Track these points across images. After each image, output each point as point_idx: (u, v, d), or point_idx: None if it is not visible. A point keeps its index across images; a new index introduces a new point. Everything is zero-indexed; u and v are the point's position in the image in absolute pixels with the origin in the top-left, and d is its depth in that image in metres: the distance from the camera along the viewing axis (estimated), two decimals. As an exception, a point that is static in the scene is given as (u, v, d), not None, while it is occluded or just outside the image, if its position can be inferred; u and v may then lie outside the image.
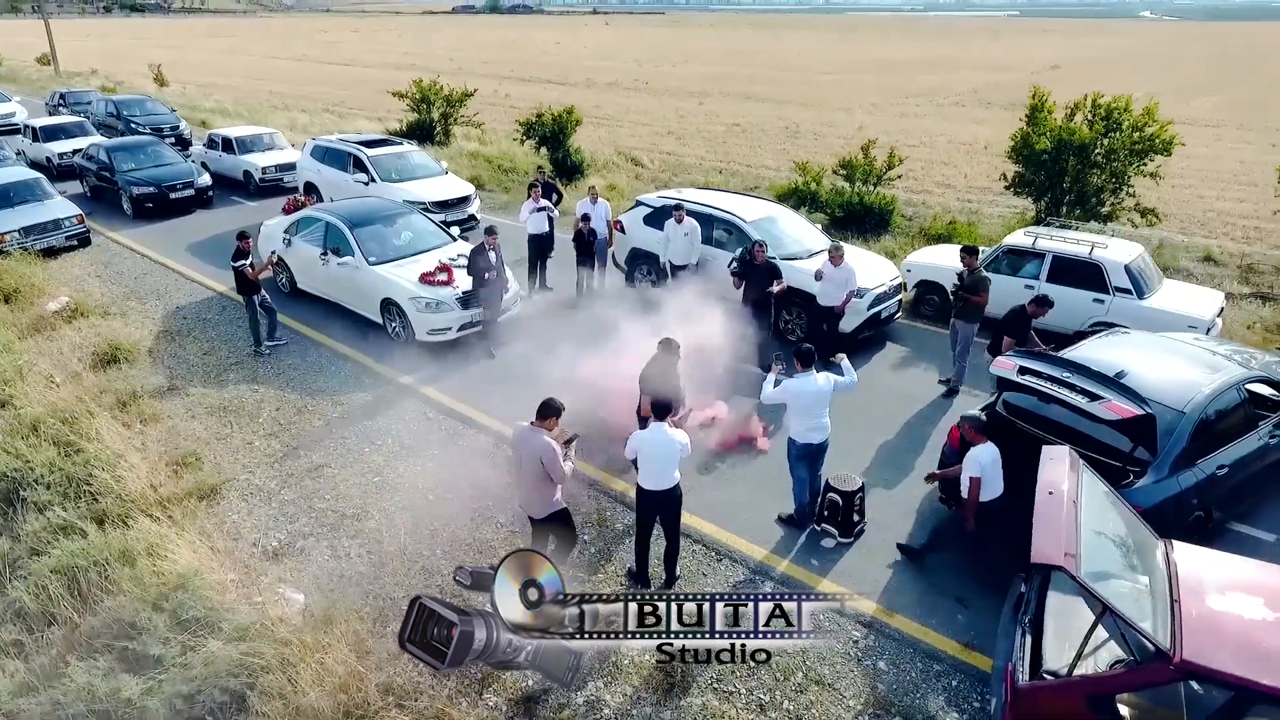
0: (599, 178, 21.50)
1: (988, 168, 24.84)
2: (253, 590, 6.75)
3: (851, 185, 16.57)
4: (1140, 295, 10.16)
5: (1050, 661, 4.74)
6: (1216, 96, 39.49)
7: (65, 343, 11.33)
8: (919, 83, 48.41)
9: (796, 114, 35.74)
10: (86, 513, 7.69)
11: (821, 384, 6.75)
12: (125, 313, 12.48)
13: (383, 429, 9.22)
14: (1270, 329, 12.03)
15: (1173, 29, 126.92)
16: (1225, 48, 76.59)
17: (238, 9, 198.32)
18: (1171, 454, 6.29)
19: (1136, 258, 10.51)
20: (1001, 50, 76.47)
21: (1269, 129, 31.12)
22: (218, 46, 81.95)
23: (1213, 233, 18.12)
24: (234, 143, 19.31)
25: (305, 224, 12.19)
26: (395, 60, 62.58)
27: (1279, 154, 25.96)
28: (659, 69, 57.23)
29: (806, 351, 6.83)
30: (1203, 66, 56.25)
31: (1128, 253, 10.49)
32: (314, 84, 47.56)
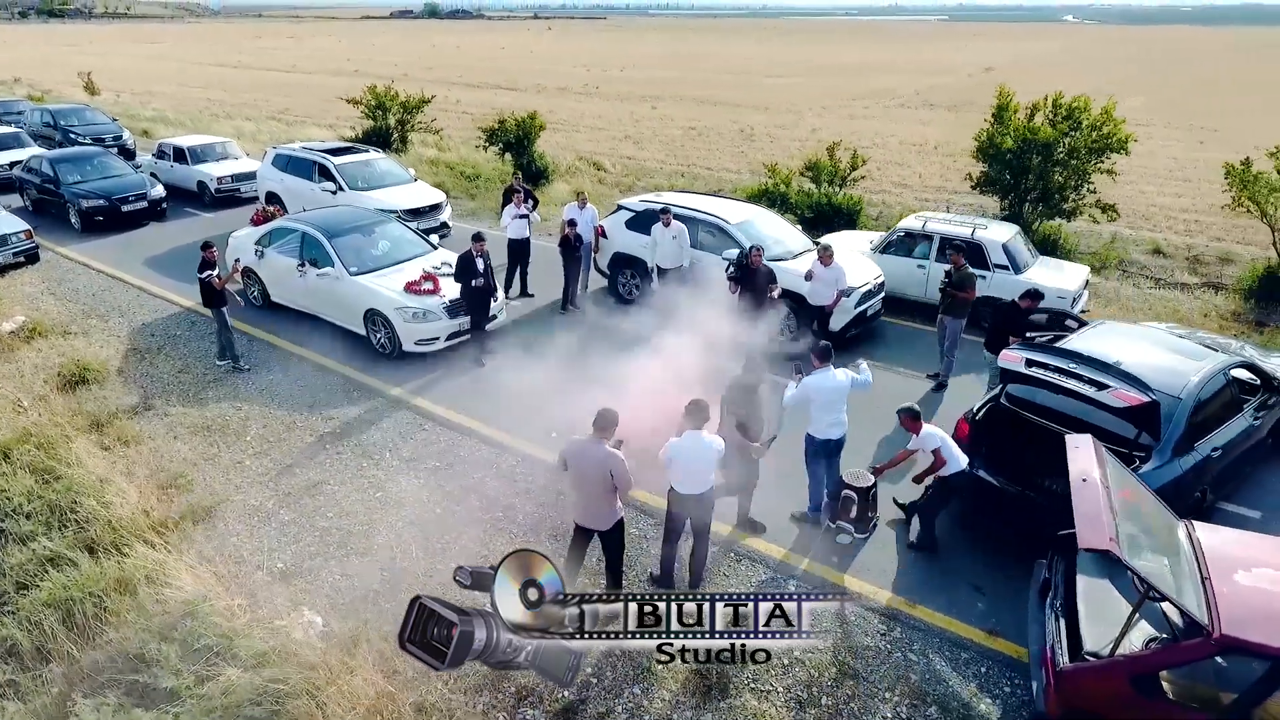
0: (563, 183, 21.44)
1: (940, 167, 25.58)
2: (267, 614, 6.52)
3: (819, 186, 16.86)
4: (1017, 271, 11.29)
5: (1090, 643, 4.89)
6: (1143, 97, 41.34)
7: (26, 364, 10.79)
8: (863, 85, 49.55)
9: (749, 117, 36.20)
10: (75, 542, 7.34)
11: (840, 379, 6.88)
12: (87, 331, 11.94)
13: (379, 443, 9.02)
14: (1225, 316, 12.65)
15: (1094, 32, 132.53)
16: (1146, 50, 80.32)
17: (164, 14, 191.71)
18: (1172, 439, 6.56)
19: (1012, 237, 11.69)
20: (936, 53, 78.82)
21: (1194, 127, 32.75)
22: (145, 53, 79.13)
23: (1156, 226, 19.00)
24: (186, 152, 18.64)
25: (279, 235, 11.84)
26: (337, 66, 61.35)
27: (1207, 151, 27.37)
28: (607, 73, 57.35)
29: (825, 348, 6.97)
30: (1129, 68, 58.88)
31: (1004, 234, 11.66)
32: (255, 91, 46.27)
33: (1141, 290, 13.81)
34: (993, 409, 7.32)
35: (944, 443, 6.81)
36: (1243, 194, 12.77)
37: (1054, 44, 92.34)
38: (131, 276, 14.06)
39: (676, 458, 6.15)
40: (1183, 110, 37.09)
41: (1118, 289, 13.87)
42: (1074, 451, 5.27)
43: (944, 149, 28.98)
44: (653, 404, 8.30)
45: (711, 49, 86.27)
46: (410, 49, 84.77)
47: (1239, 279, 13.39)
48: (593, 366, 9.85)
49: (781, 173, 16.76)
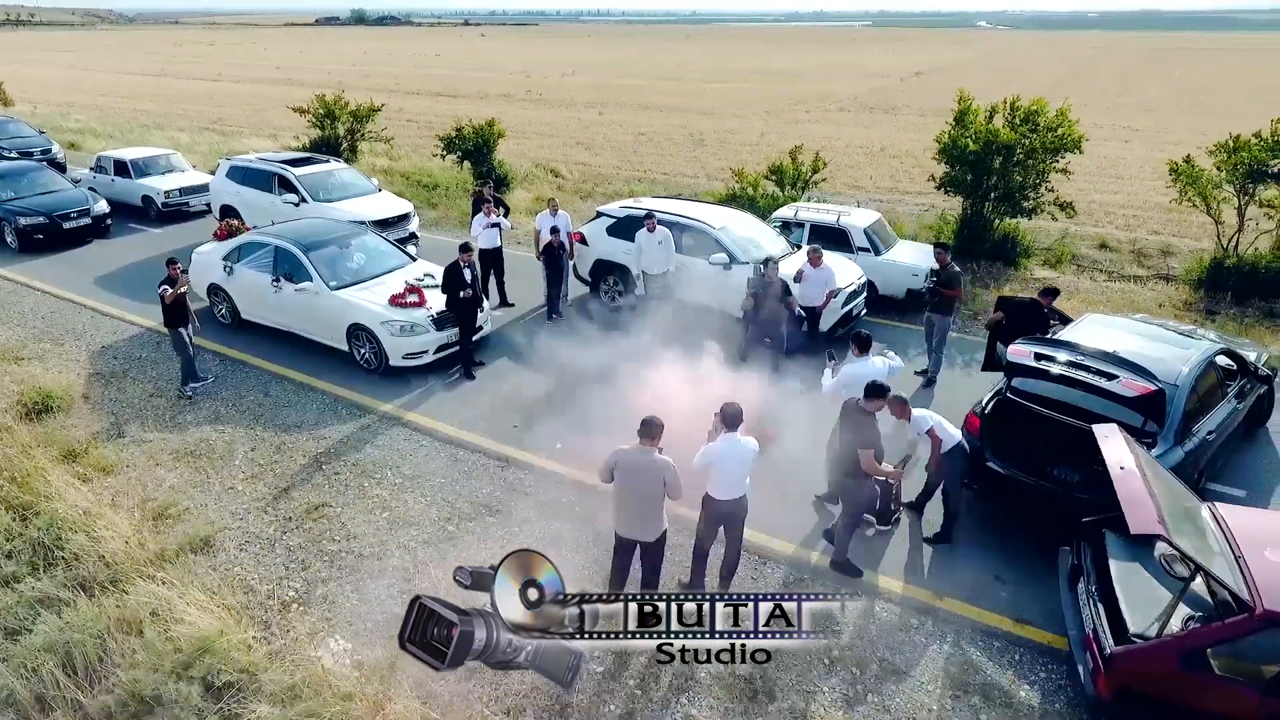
0: (522, 190, 21.25)
1: (889, 169, 26.26)
2: (287, 644, 6.25)
3: (783, 190, 17.09)
4: (878, 252, 12.50)
5: (1135, 626, 5.07)
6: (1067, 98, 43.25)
7: (-21, 394, 10.11)
8: (801, 90, 50.55)
9: (696, 123, 36.49)
10: (66, 581, 6.91)
11: (879, 365, 7.09)
12: (42, 356, 11.27)
13: (378, 461, 8.75)
14: (1178, 306, 13.32)
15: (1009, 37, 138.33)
16: (1061, 54, 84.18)
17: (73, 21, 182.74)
18: (1174, 425, 6.87)
19: (874, 223, 12.91)
20: (864, 58, 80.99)
21: (1118, 127, 34.44)
22: (57, 61, 75.35)
23: (1099, 222, 19.86)
24: (129, 165, 17.78)
25: (249, 250, 11.39)
26: (266, 75, 59.50)
27: (1133, 149, 28.86)
28: (548, 80, 57.10)
29: (865, 338, 7.25)
30: (1050, 71, 61.52)
31: (866, 219, 12.84)
32: (184, 101, 44.51)
33: (1098, 283, 14.43)
34: (1000, 402, 7.53)
35: (936, 422, 7.05)
36: (1189, 190, 13.45)
37: (974, 49, 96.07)
38: (82, 297, 13.33)
39: (714, 462, 6.13)
40: (1105, 111, 38.94)
41: (1076, 283, 14.46)
42: (1105, 441, 5.46)
43: (888, 151, 29.79)
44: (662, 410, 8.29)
45: (647, 55, 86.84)
46: (341, 56, 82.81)
47: (1188, 270, 14.10)
48: (588, 374, 9.78)
49: (749, 176, 16.93)
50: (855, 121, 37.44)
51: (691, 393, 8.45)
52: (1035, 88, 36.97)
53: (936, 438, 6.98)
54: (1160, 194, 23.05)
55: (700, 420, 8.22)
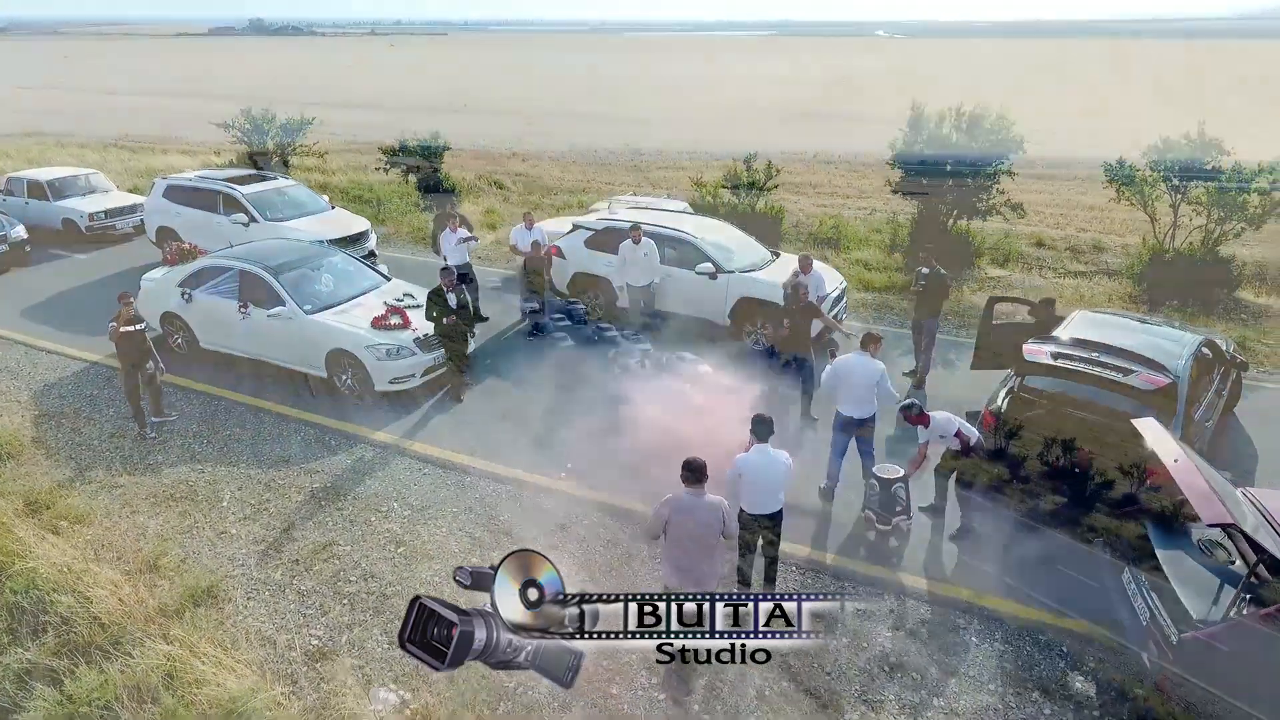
0: (470, 204, 20.79)
1: (826, 175, 26.96)
2: (320, 699, 5.83)
3: (739, 197, 17.27)
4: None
5: (1197, 612, 5.25)
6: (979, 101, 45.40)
7: (-91, 445, 9.12)
8: (725, 96, 51.41)
9: (628, 131, 36.57)
10: (57, 648, 6.27)
11: (879, 365, 7.56)
12: (-25, 399, 10.27)
13: (381, 493, 8.31)
14: (1124, 299, 14.07)
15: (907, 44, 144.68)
16: (961, 59, 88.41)
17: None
18: (1180, 414, 7.20)
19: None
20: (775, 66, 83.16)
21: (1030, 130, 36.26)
22: (-75, 76, 69.60)
23: (1030, 221, 20.86)
24: (45, 187, 16.47)
25: (210, 274, 10.69)
26: (169, 88, 56.51)
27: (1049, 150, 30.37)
28: (470, 91, 56.23)
29: (877, 335, 7.63)
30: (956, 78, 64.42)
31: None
32: (82, 117, 41.70)
33: (1048, 280, 15.12)
34: (1013, 399, 7.74)
35: (960, 422, 7.25)
36: (1125, 190, 14.24)
37: (879, 57, 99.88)
38: (11, 331, 12.23)
39: (745, 474, 6.05)
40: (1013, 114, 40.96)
41: (1025, 279, 15.12)
42: (1149, 434, 5.64)
43: (821, 157, 30.60)
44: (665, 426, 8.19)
45: (566, 64, 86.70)
46: (245, 67, 79.46)
47: (1130, 265, 14.91)
48: (581, 391, 9.62)
49: (708, 185, 17.04)
50: (784, 129, 38.26)
51: (689, 403, 8.45)
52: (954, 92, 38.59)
53: (965, 435, 7.11)
54: (1079, 193, 24.47)
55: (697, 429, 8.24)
